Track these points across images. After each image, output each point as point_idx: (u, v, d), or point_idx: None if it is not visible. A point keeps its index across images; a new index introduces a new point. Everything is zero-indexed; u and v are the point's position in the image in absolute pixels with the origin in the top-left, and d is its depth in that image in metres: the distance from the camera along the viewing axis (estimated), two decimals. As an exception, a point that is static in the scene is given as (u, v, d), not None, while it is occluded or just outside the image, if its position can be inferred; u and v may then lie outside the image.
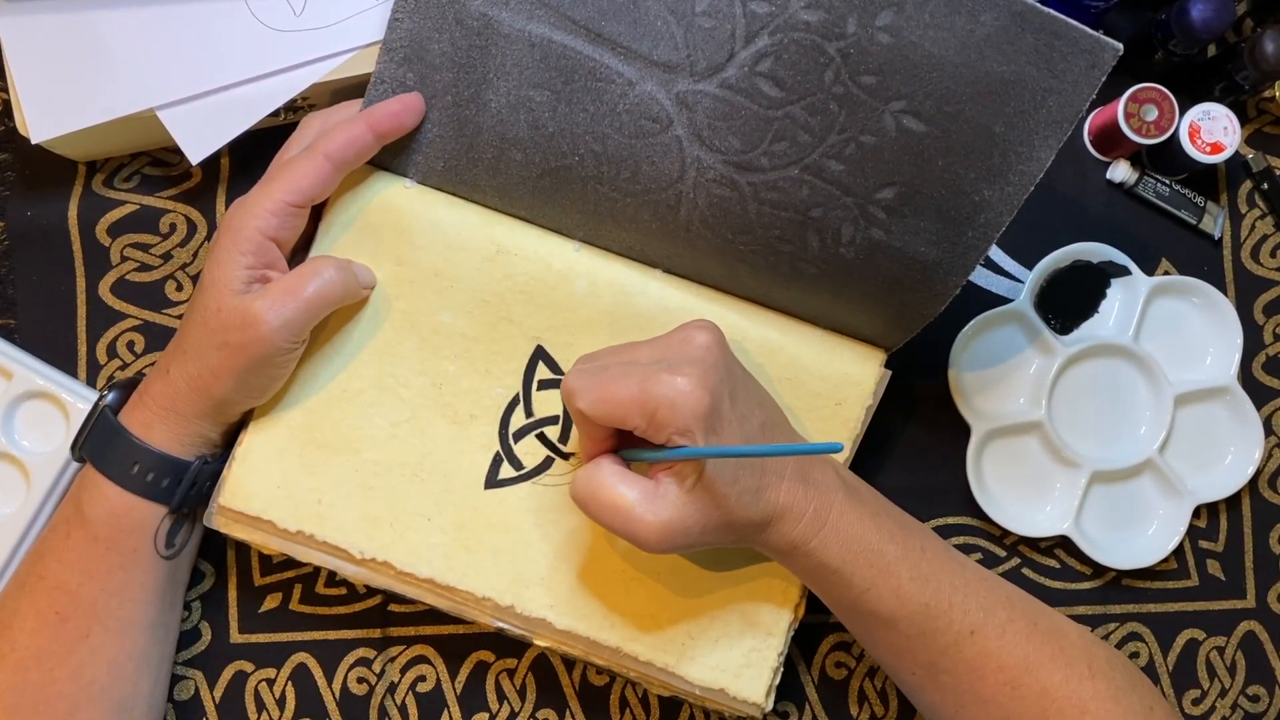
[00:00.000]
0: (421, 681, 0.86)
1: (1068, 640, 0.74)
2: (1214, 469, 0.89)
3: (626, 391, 0.65)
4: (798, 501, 0.70)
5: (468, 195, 0.78)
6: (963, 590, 0.72)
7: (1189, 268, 0.91)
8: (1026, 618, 0.74)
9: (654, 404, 0.64)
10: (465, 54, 0.73)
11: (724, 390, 0.67)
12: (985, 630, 0.72)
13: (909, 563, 0.72)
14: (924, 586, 0.71)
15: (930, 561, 0.73)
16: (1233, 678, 0.90)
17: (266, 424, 0.77)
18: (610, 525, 0.68)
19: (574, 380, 0.67)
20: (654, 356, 0.68)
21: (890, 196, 0.72)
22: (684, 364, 0.66)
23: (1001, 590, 0.75)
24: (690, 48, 0.70)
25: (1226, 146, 0.86)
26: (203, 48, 0.78)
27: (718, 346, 0.69)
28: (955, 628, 0.72)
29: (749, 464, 0.68)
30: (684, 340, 0.69)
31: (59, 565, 0.74)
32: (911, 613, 0.71)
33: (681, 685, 0.78)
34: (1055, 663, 0.72)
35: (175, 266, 0.87)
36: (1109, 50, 0.66)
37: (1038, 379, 0.87)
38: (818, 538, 0.70)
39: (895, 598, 0.71)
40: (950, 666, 0.72)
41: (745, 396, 0.69)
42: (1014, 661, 0.72)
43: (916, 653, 0.73)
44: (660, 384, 0.65)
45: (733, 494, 0.67)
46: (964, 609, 0.72)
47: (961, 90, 0.68)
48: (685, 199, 0.74)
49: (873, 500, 0.74)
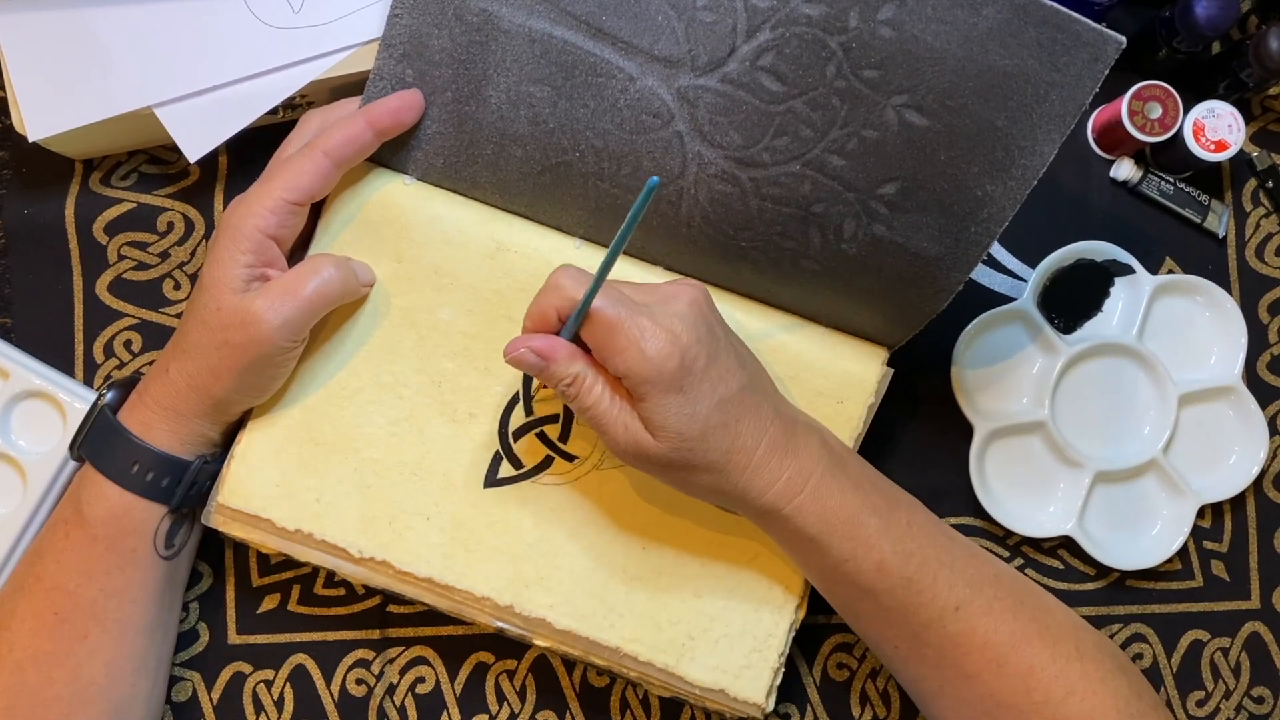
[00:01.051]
0: (421, 683, 0.86)
1: (1054, 620, 0.74)
2: (1218, 469, 0.89)
3: (612, 313, 0.66)
4: (772, 464, 0.70)
5: (467, 192, 0.78)
6: (949, 565, 0.73)
7: (1193, 266, 0.91)
8: (1013, 595, 0.74)
9: (626, 341, 0.66)
10: (465, 50, 0.73)
11: (700, 349, 0.68)
12: (971, 606, 0.72)
13: (892, 536, 0.72)
14: (908, 561, 0.72)
15: (916, 536, 0.73)
16: (1237, 679, 0.90)
17: (265, 422, 0.77)
18: (590, 419, 0.70)
19: (566, 276, 0.68)
20: (641, 299, 0.69)
21: (892, 192, 0.72)
22: (665, 315, 0.68)
23: (990, 567, 0.75)
24: (691, 42, 0.70)
25: (1231, 144, 0.86)
26: (200, 45, 0.79)
27: (698, 305, 0.70)
28: (939, 602, 0.72)
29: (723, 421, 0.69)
30: (671, 295, 0.70)
31: (57, 566, 0.74)
32: (893, 585, 0.71)
33: (682, 686, 0.78)
34: (1042, 641, 0.72)
35: (173, 265, 0.87)
36: (1112, 43, 0.66)
37: (1041, 378, 0.87)
38: (793, 504, 0.70)
39: (876, 570, 0.71)
40: (934, 641, 0.72)
41: (725, 357, 0.70)
42: (999, 639, 0.72)
43: (899, 625, 0.73)
44: (637, 325, 0.66)
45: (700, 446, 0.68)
46: (950, 584, 0.72)
47: (964, 84, 0.68)
48: (686, 195, 0.74)
49: (859, 472, 0.74)
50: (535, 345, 0.68)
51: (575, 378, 0.69)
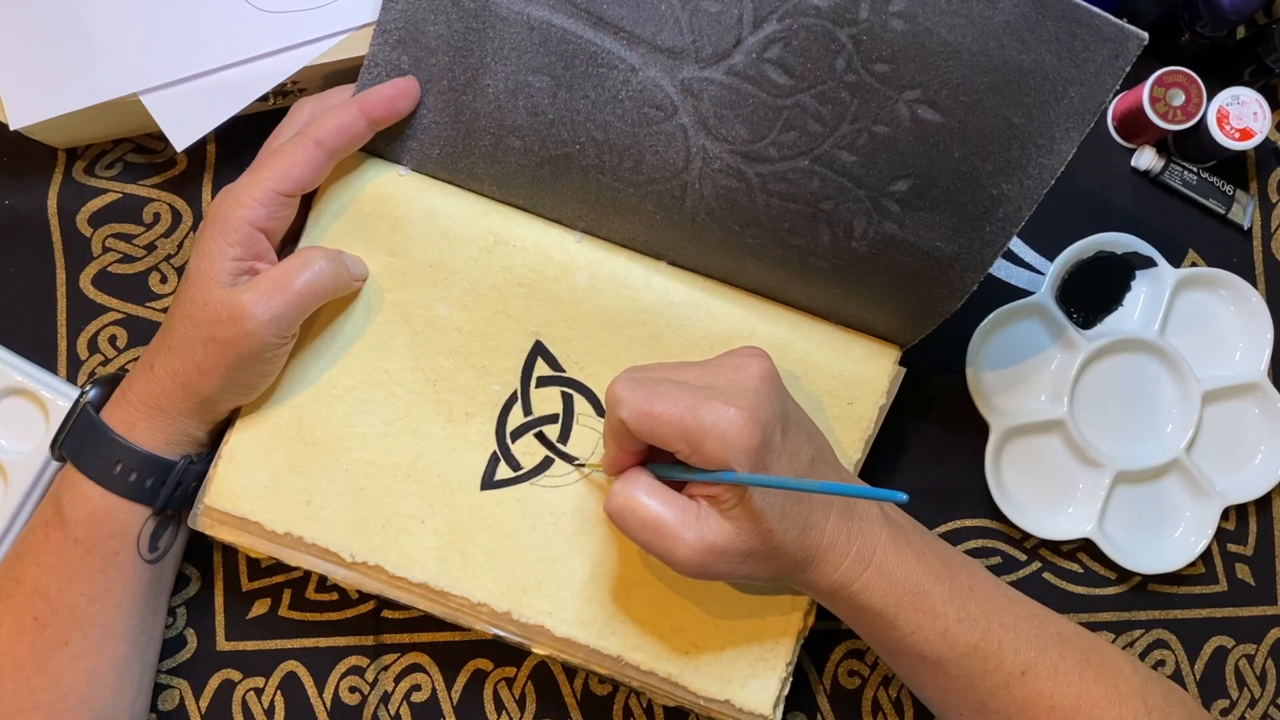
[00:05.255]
0: (416, 691, 0.86)
1: (1121, 677, 0.74)
2: (1243, 469, 0.89)
3: (675, 412, 0.65)
4: (841, 540, 0.70)
5: (464, 184, 0.78)
6: (1013, 629, 0.73)
7: (1217, 259, 0.91)
8: (1079, 654, 0.74)
9: (702, 432, 0.65)
10: (462, 37, 0.73)
11: (775, 424, 0.67)
12: (1037, 670, 0.72)
13: (956, 603, 0.72)
14: (972, 627, 0.72)
15: (979, 601, 0.73)
16: (1263, 687, 0.90)
17: (254, 422, 0.77)
18: (645, 543, 0.68)
19: (622, 389, 0.67)
20: (705, 380, 0.68)
21: (904, 189, 0.72)
22: (737, 394, 0.66)
23: (1052, 626, 0.75)
24: (696, 33, 0.70)
25: (1256, 132, 0.86)
26: (188, 29, 0.79)
27: (771, 378, 0.69)
28: (1005, 668, 0.72)
29: (797, 496, 0.68)
30: (737, 367, 0.69)
31: (37, 569, 0.74)
32: (959, 654, 0.71)
33: (686, 696, 0.78)
34: (1108, 701, 0.72)
35: (159, 258, 0.87)
36: (1133, 39, 0.66)
37: (1059, 375, 0.87)
38: (860, 579, 0.70)
39: (942, 640, 0.71)
40: (1000, 708, 0.72)
41: (796, 430, 0.70)
42: (1066, 702, 0.72)
43: (965, 694, 0.73)
44: (711, 411, 0.65)
45: (779, 527, 0.67)
46: (1014, 648, 0.72)
47: (979, 79, 0.68)
48: (690, 190, 0.74)
49: (917, 537, 0.74)
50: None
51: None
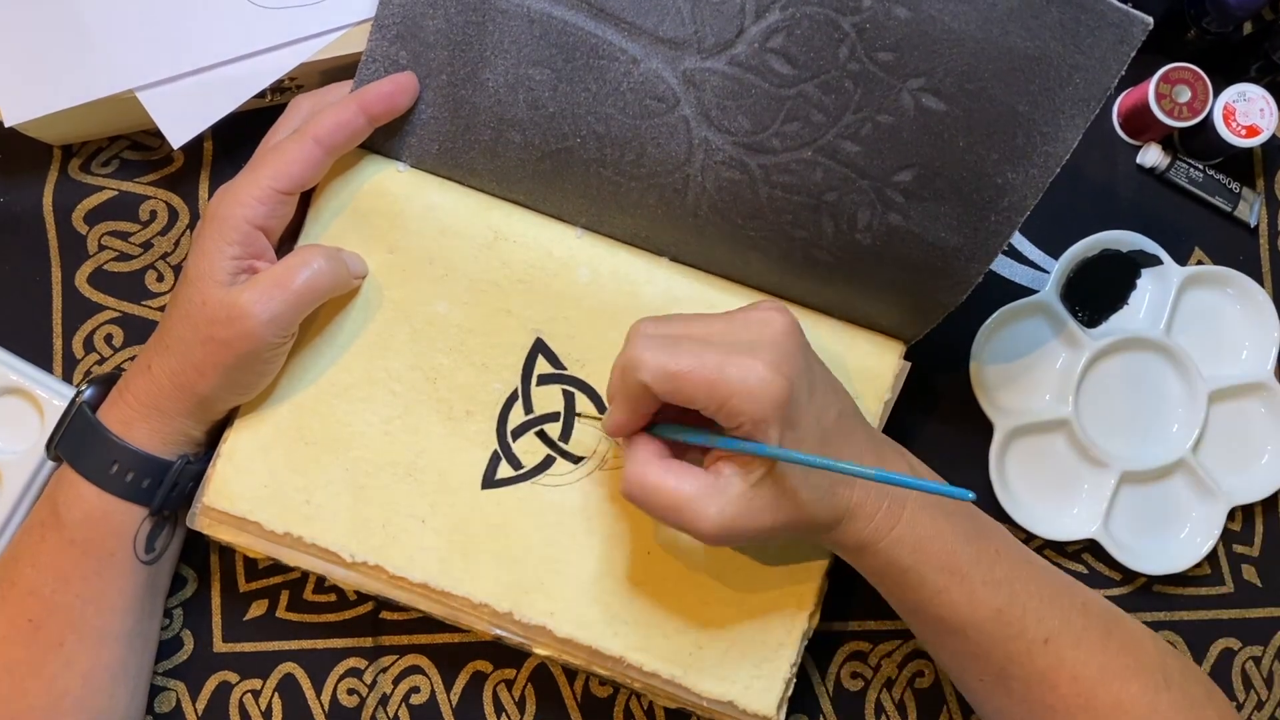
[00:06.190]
0: (415, 693, 0.86)
1: (1143, 649, 0.74)
2: (1250, 469, 0.89)
3: (701, 371, 0.64)
4: (870, 498, 0.69)
5: (464, 179, 0.78)
6: (1038, 596, 0.72)
7: (1223, 257, 0.91)
8: (1102, 625, 0.74)
9: (729, 389, 0.64)
10: (461, 31, 0.73)
11: (804, 380, 0.66)
12: (1060, 639, 0.72)
13: (984, 565, 0.71)
14: (998, 591, 0.71)
15: (1005, 565, 0.72)
16: (1269, 689, 0.90)
17: (252, 421, 0.77)
18: (666, 519, 0.67)
19: (642, 350, 0.66)
20: (728, 336, 0.67)
21: (909, 179, 0.72)
22: (762, 348, 0.65)
23: (1078, 595, 0.75)
24: (698, 23, 0.70)
25: (1263, 129, 0.86)
26: (185, 25, 0.79)
27: (796, 332, 0.68)
28: (1029, 635, 0.71)
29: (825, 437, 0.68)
30: (761, 322, 0.68)
31: (33, 570, 0.74)
32: (983, 618, 0.71)
33: (688, 697, 0.78)
34: (1130, 673, 0.72)
35: (156, 256, 0.87)
36: (1138, 24, 0.66)
37: (1064, 374, 0.87)
38: (889, 537, 0.70)
39: (968, 602, 0.71)
40: (1021, 675, 0.72)
41: (823, 386, 0.69)
42: (1089, 672, 0.72)
43: (986, 659, 0.73)
44: (739, 367, 0.64)
45: (804, 491, 0.67)
46: (1039, 615, 0.72)
47: (983, 67, 0.68)
48: (693, 182, 0.74)
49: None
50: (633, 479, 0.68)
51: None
